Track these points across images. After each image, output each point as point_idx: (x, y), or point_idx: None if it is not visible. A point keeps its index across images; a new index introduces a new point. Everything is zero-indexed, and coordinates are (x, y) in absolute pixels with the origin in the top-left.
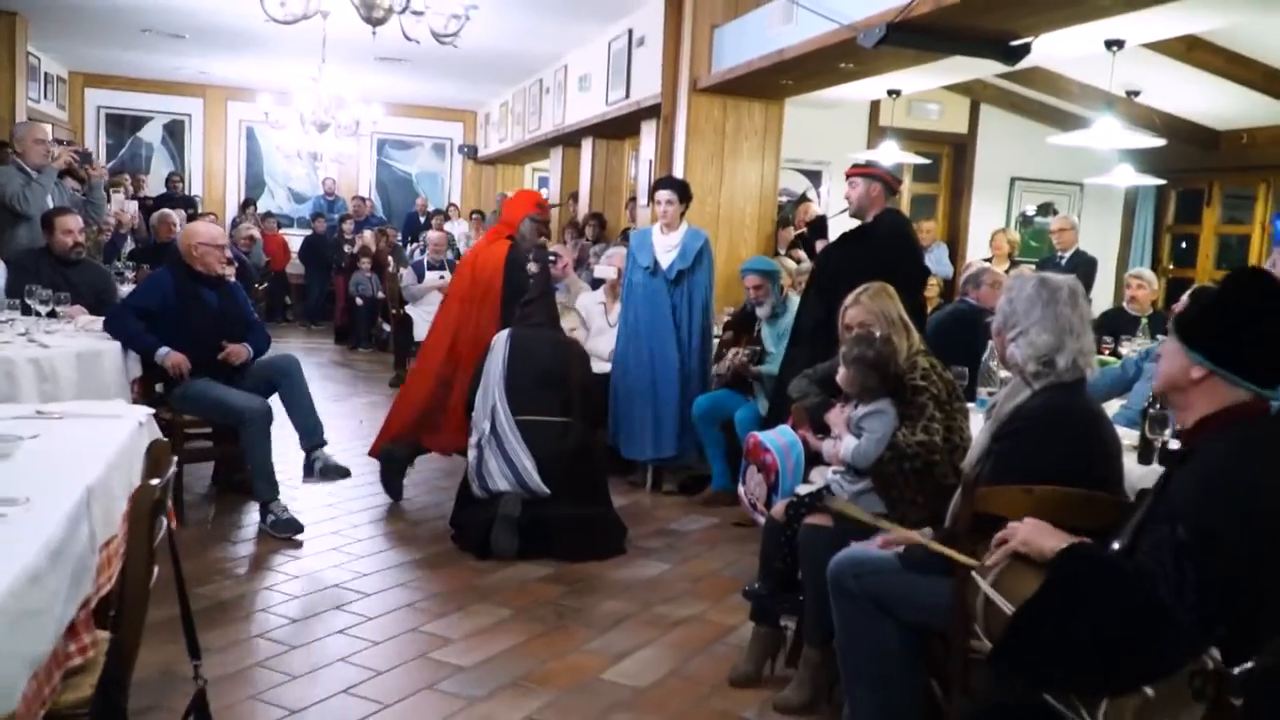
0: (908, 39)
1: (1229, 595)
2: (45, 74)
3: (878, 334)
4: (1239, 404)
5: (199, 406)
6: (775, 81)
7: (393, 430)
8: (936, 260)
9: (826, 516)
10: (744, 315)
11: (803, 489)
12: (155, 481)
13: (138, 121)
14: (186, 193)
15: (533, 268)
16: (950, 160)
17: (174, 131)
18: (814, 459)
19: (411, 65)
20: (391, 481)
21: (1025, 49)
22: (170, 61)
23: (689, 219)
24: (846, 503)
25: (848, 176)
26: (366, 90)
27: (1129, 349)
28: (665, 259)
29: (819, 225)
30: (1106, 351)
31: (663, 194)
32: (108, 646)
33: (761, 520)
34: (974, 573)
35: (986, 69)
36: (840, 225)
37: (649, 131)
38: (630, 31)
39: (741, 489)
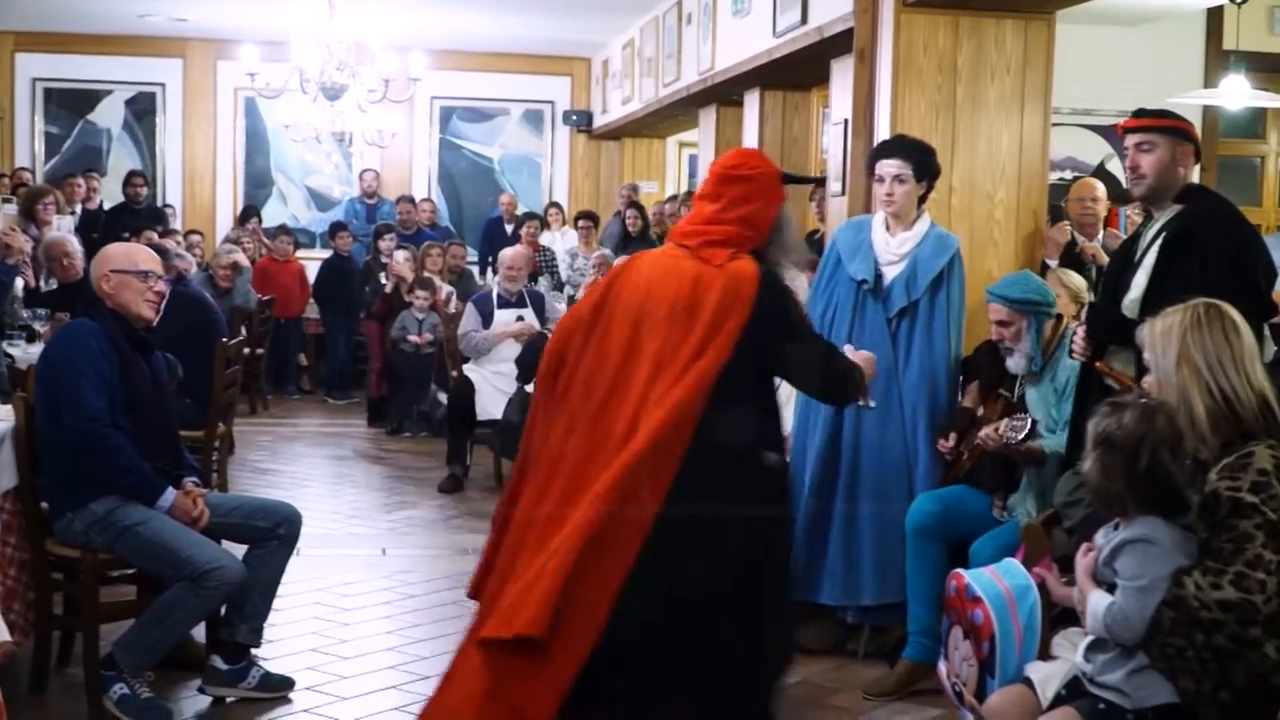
0: None
1: None
2: None
3: (1142, 400)
4: None
5: (135, 549)
6: None
7: None
8: None
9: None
10: (994, 356)
11: (1035, 670)
12: None
13: (90, 98)
14: (159, 200)
15: None
16: None
17: (141, 111)
18: (1063, 617)
19: None
20: None
21: None
22: (133, 6)
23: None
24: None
25: (1125, 132)
26: (418, 34)
27: None
28: (891, 271)
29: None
30: None
31: (888, 165)
32: None
33: None
34: None
35: None
36: None
37: (842, 75)
38: None
39: (942, 666)
